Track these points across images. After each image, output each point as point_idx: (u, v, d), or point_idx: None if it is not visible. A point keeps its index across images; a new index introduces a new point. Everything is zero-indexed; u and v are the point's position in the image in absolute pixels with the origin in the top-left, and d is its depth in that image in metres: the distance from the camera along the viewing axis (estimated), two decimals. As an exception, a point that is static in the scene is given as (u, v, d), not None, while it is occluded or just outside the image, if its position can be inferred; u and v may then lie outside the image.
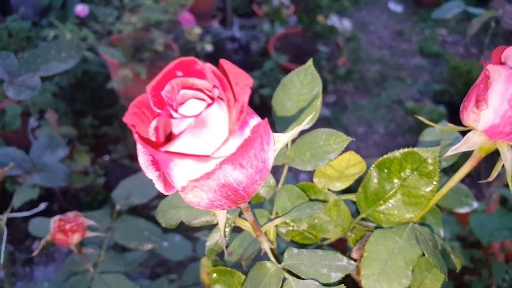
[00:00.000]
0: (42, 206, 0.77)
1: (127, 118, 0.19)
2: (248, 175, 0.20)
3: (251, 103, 2.08)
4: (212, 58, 2.31)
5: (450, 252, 0.38)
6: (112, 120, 1.90)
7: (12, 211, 0.67)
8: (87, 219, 0.49)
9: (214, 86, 0.19)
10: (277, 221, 0.33)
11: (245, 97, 0.18)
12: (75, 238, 0.48)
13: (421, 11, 3.24)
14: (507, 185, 1.53)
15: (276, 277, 0.29)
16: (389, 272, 0.31)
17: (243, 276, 0.33)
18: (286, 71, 2.45)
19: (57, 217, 0.47)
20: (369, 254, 0.32)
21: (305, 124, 0.37)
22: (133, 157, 1.80)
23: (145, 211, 1.56)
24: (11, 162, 0.74)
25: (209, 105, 0.18)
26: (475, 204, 0.42)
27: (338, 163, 0.35)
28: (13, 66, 0.58)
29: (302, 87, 0.38)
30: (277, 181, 0.38)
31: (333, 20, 2.12)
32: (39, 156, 0.78)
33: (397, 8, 3.08)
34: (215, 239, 0.32)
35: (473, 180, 1.88)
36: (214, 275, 0.34)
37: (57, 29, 1.34)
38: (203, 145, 0.18)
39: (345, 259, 0.31)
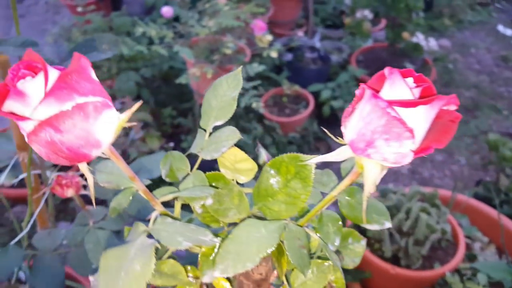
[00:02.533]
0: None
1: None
2: (69, 139, 0.27)
3: (320, 114, 2.07)
4: (290, 65, 2.38)
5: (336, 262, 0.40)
6: (187, 113, 2.09)
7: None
8: (82, 179, 0.61)
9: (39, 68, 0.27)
10: (170, 196, 0.40)
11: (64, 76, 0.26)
12: (70, 192, 0.59)
13: (538, 36, 2.90)
14: None
15: (141, 234, 0.35)
16: (240, 254, 0.35)
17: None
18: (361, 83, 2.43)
19: (57, 174, 0.59)
20: (232, 236, 0.37)
21: (219, 122, 0.43)
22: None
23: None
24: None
25: (28, 77, 0.26)
26: (388, 224, 0.43)
27: (228, 156, 0.40)
28: (63, 53, 0.73)
29: (227, 89, 0.44)
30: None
31: (419, 37, 2.04)
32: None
33: (506, 31, 2.80)
34: (118, 200, 0.40)
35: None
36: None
37: (145, 27, 1.54)
38: (25, 109, 0.26)
39: (210, 236, 0.36)
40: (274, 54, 1.61)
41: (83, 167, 0.32)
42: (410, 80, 0.32)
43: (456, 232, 1.23)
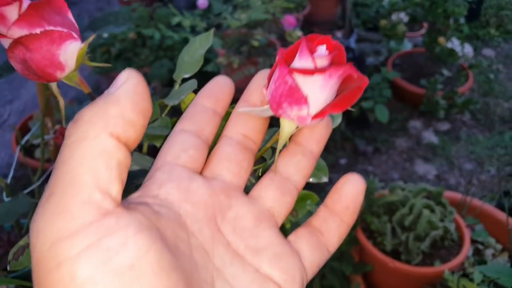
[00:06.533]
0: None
1: None
2: (37, 58, 0.35)
3: (349, 114, 2.07)
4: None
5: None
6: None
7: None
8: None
9: None
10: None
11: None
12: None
13: None
14: None
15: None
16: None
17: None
18: (395, 87, 2.37)
19: (59, 126, 0.68)
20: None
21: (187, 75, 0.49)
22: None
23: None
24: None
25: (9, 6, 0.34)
26: (325, 179, 0.46)
27: (187, 101, 0.46)
28: (83, 26, 0.83)
29: (199, 47, 0.50)
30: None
31: (454, 43, 2.00)
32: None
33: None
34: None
35: None
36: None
37: (180, 17, 1.64)
38: (3, 29, 0.34)
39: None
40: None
41: (54, 88, 0.40)
42: (323, 48, 0.33)
43: (462, 233, 1.21)
